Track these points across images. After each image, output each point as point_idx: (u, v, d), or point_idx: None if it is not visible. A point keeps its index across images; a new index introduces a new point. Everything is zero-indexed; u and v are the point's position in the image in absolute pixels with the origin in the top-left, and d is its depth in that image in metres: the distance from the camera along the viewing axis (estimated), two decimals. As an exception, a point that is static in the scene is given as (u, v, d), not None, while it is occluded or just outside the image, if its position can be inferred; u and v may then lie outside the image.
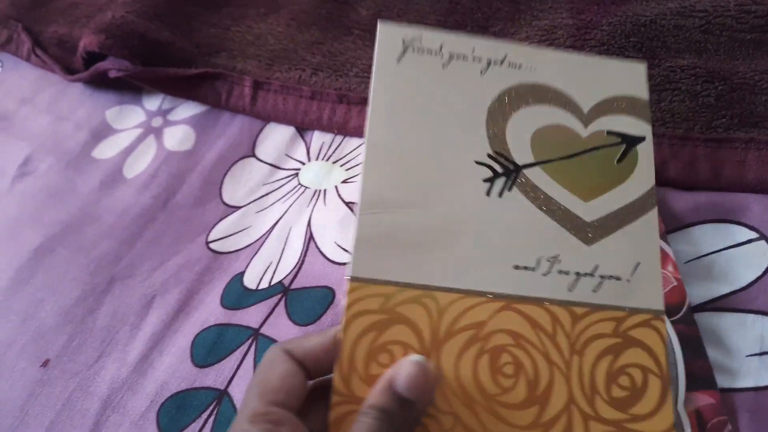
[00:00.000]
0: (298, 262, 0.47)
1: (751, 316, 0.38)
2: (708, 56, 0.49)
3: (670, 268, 0.39)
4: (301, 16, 0.64)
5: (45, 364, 0.46)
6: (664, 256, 0.40)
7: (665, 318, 0.35)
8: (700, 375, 0.36)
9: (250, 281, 0.47)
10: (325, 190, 0.51)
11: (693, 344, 0.37)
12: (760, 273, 0.39)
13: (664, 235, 0.41)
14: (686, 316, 0.38)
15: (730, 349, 0.37)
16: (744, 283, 0.39)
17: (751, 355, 0.37)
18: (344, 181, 0.51)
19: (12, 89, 0.66)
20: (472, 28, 0.58)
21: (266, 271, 0.47)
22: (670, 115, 0.46)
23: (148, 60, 0.60)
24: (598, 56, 0.42)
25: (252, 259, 0.48)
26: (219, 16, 0.66)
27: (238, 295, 0.47)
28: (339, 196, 0.50)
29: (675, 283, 0.39)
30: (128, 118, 0.61)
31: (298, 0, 0.66)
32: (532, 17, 0.57)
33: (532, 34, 0.54)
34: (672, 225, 0.42)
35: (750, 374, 0.36)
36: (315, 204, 0.50)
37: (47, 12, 0.70)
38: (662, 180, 0.44)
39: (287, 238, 0.49)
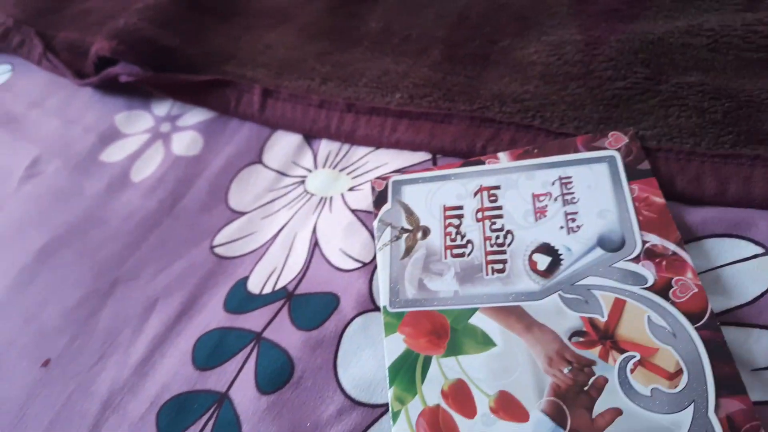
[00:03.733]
0: (302, 268, 0.47)
1: (756, 331, 0.38)
2: (715, 74, 0.49)
3: (689, 274, 0.39)
4: (310, 28, 0.64)
5: (45, 364, 0.46)
6: (682, 262, 0.40)
7: None
8: (728, 380, 0.35)
9: (254, 286, 0.47)
10: (331, 198, 0.51)
11: (719, 349, 0.36)
12: (766, 288, 0.39)
13: (681, 242, 0.40)
14: (710, 322, 0.37)
15: (736, 364, 0.37)
16: (750, 298, 0.39)
17: (757, 369, 0.36)
18: (351, 189, 0.51)
19: (22, 92, 0.67)
20: (480, 42, 0.58)
21: (270, 276, 0.47)
22: (677, 131, 0.46)
23: (158, 66, 0.60)
24: None
25: (256, 264, 0.48)
26: (230, 26, 0.66)
27: (241, 300, 0.46)
28: (345, 203, 0.50)
29: (696, 290, 0.38)
30: (137, 123, 0.61)
31: (308, 12, 0.66)
32: (540, 33, 0.57)
33: (541, 49, 0.55)
34: (679, 239, 0.42)
35: (756, 388, 0.36)
36: (321, 211, 0.50)
37: (60, 18, 0.70)
38: (669, 194, 0.44)
39: (292, 244, 0.49)
